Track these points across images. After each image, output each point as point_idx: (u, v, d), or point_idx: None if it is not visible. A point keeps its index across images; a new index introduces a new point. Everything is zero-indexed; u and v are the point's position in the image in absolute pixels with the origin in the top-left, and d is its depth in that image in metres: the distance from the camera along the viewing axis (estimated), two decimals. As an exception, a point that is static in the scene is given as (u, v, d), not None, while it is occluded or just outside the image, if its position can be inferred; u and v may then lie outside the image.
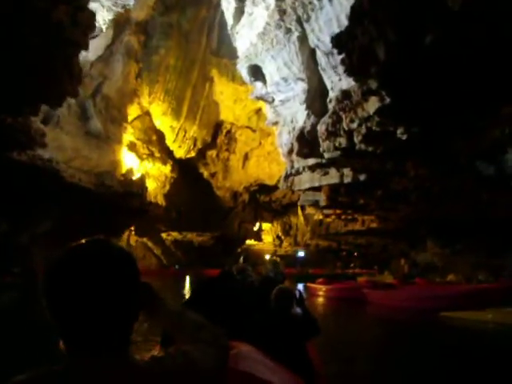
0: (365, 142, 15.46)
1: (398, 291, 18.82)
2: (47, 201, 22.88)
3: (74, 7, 11.72)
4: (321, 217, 26.69)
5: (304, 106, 19.40)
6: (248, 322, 3.50)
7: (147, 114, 38.06)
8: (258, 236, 51.74)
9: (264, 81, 21.64)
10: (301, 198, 25.18)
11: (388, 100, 12.58)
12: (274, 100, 22.06)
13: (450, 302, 14.64)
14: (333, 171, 19.87)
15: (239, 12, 22.63)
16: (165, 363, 0.99)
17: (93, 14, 14.04)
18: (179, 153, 41.01)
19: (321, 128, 17.03)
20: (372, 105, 13.43)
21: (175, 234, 44.52)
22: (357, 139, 15.53)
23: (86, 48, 15.05)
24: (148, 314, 1.14)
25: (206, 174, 44.41)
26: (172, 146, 40.33)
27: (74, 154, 27.72)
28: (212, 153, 43.54)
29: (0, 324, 11.71)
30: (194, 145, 41.38)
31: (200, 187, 43.43)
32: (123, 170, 33.27)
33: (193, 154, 41.94)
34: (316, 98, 18.99)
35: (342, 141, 16.41)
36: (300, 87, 19.39)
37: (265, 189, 46.68)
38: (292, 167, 21.88)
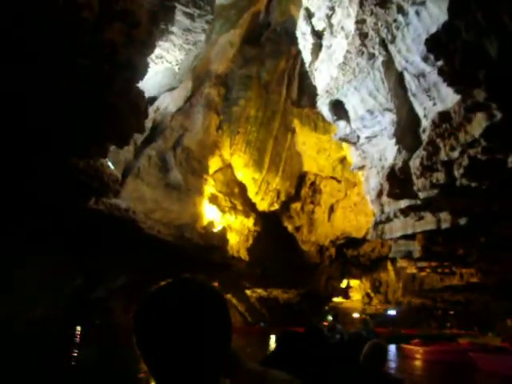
0: (467, 175, 13.24)
1: None
2: (124, 253, 22.34)
3: (128, 25, 10.90)
4: (414, 270, 24.17)
5: (393, 140, 17.43)
6: (336, 378, 3.42)
7: (229, 166, 37.77)
8: (345, 293, 49.04)
9: (347, 119, 20.04)
10: (392, 248, 22.88)
11: (499, 116, 10.32)
12: (359, 139, 20.29)
13: None
14: (428, 216, 17.58)
15: (317, 48, 21.58)
16: None
17: (150, 33, 12.99)
18: (262, 205, 40.05)
19: (414, 163, 14.95)
20: (478, 125, 11.21)
21: (260, 291, 43.12)
22: (457, 172, 13.34)
23: (144, 72, 14.07)
24: (228, 376, 1.06)
25: (290, 227, 42.81)
26: (254, 199, 39.48)
27: (154, 205, 27.56)
28: (296, 205, 42.04)
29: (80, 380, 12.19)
30: (278, 197, 40.29)
31: (284, 241, 41.79)
32: (204, 223, 32.68)
33: (276, 206, 40.75)
34: (406, 129, 17.02)
35: (440, 176, 14.27)
36: (388, 119, 17.51)
37: (352, 242, 44.16)
38: (382, 212, 19.82)
